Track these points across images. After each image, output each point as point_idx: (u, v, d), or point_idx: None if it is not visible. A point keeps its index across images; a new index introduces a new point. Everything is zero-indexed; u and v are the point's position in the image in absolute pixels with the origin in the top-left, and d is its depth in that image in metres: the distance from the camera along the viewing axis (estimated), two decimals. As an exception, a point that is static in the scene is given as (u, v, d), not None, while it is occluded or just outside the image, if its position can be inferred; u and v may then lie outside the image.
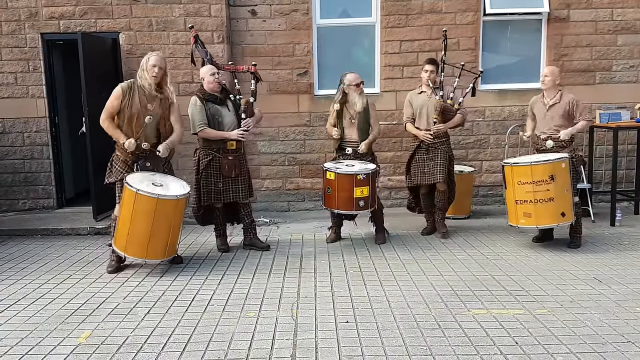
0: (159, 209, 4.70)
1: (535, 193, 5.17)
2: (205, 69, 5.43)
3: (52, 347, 3.52)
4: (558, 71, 5.62)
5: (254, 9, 7.24)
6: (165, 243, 4.86)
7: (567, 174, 5.24)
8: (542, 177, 5.15)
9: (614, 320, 3.74)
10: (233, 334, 3.65)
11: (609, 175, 6.88)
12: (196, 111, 5.33)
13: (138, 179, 4.80)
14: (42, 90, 7.23)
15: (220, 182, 5.43)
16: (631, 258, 5.13)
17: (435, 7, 7.25)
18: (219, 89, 5.44)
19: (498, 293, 4.30)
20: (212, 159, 5.40)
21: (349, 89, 5.68)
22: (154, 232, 4.73)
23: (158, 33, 7.08)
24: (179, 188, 4.93)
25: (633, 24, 7.27)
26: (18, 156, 7.35)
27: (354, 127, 5.71)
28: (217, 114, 5.38)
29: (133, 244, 4.77)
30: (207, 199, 5.44)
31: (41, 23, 7.09)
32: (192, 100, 5.39)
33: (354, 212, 5.63)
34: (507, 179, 5.40)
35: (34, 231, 6.61)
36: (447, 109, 5.77)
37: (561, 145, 5.43)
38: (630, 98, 7.16)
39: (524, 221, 5.30)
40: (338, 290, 4.44)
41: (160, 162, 5.09)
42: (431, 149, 5.83)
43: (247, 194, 5.60)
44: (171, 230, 4.86)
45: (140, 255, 4.81)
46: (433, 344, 3.43)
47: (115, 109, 4.89)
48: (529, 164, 5.23)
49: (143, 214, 4.69)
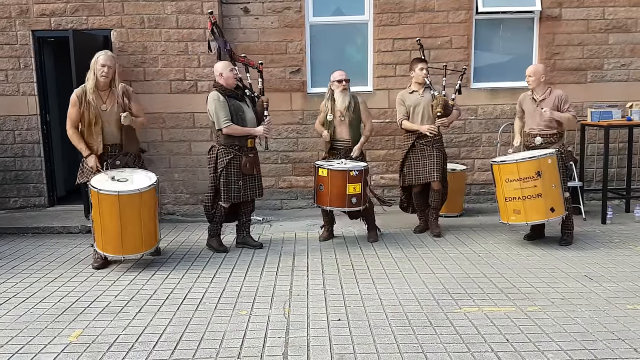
0: (122, 205, 4.70)
1: (523, 190, 5.21)
2: (223, 64, 5.37)
3: (42, 345, 3.50)
4: (543, 68, 5.63)
5: (246, 6, 7.22)
6: (140, 236, 4.84)
7: (555, 170, 5.27)
8: (528, 173, 5.19)
9: (604, 317, 3.76)
10: (225, 332, 3.64)
11: (600, 174, 6.91)
12: (220, 107, 5.22)
13: (104, 179, 4.84)
14: (33, 88, 7.18)
15: (240, 180, 5.37)
16: (622, 256, 5.16)
17: (427, 6, 7.26)
18: (236, 85, 5.39)
19: (489, 290, 4.32)
20: (234, 157, 5.32)
21: (333, 85, 5.72)
22: (124, 228, 4.75)
23: (150, 30, 7.05)
24: (144, 180, 4.89)
25: (624, 22, 7.31)
26: (9, 154, 7.31)
27: (344, 125, 5.70)
28: (239, 109, 5.32)
29: (108, 242, 4.83)
30: (227, 198, 5.35)
31: (32, 20, 7.04)
32: (214, 95, 5.28)
33: (347, 209, 5.62)
34: (495, 177, 5.45)
35: (25, 229, 6.58)
36: (447, 104, 5.78)
37: (549, 141, 5.47)
38: (621, 96, 7.20)
39: (514, 218, 5.34)
40: (330, 288, 4.44)
41: (130, 159, 5.12)
42: (426, 147, 5.81)
43: (261, 191, 5.62)
44: (142, 223, 4.83)
45: (117, 252, 4.84)
46: (424, 341, 3.44)
47: (75, 116, 4.95)
48: (515, 162, 5.27)
49: (108, 212, 4.74)
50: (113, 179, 4.82)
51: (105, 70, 4.86)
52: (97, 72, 4.87)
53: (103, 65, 4.85)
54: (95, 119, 4.91)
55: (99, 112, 4.92)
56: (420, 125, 5.78)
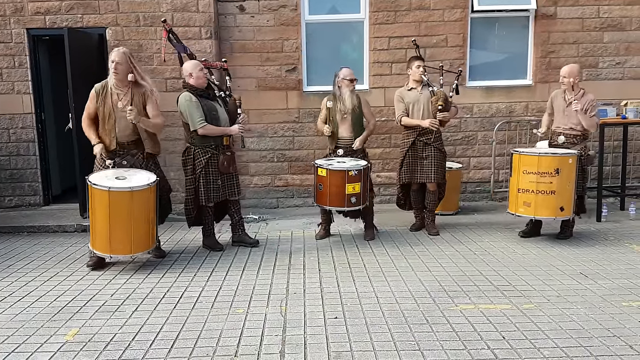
0: (112, 201, 4.63)
1: (538, 184, 5.27)
2: (192, 64, 5.32)
3: (39, 344, 3.49)
4: (578, 69, 5.58)
5: (242, 4, 7.22)
6: (129, 237, 4.75)
7: (573, 170, 5.30)
8: (547, 169, 5.23)
9: (599, 314, 3.78)
10: (222, 331, 3.64)
11: (595, 171, 6.94)
12: (193, 107, 5.20)
13: (104, 175, 4.80)
14: (28, 86, 7.16)
15: (219, 179, 5.36)
16: (617, 253, 5.19)
17: (423, 4, 7.27)
18: (206, 85, 5.36)
19: (485, 288, 4.33)
20: (211, 156, 5.30)
21: (342, 83, 5.69)
22: (112, 226, 4.68)
23: (145, 28, 7.03)
24: (141, 180, 4.81)
25: (619, 21, 7.34)
26: (4, 153, 7.28)
27: (346, 124, 5.69)
28: (212, 109, 5.30)
29: (97, 238, 4.79)
30: (206, 199, 5.33)
31: (27, 18, 7.01)
32: (186, 96, 5.23)
33: (346, 209, 5.61)
34: (514, 166, 5.48)
35: (20, 228, 6.55)
36: (448, 99, 5.78)
37: (572, 142, 5.52)
38: (616, 95, 7.23)
39: (523, 210, 5.39)
40: (327, 287, 4.44)
41: (139, 161, 5.05)
42: (426, 146, 5.80)
43: (239, 190, 5.59)
44: (133, 223, 4.73)
45: (104, 250, 4.78)
46: (421, 339, 3.45)
47: (91, 110, 4.94)
48: (537, 155, 5.32)
49: (99, 207, 4.69)
50: (117, 179, 4.76)
51: (114, 67, 4.83)
52: (110, 68, 4.88)
53: (112, 61, 4.84)
54: (108, 115, 4.88)
55: (113, 108, 4.88)
56: (421, 120, 5.76)
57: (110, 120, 4.89)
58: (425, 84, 5.82)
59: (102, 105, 4.89)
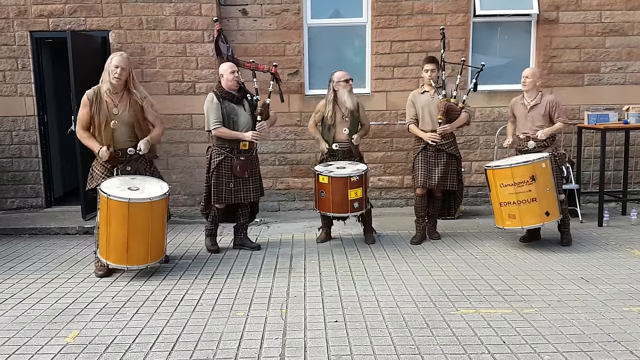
0: (132, 212, 4.58)
1: (518, 194, 5.22)
2: (225, 66, 5.35)
3: (39, 346, 3.50)
4: (539, 72, 5.64)
5: (244, 8, 7.24)
6: (147, 247, 4.73)
7: (549, 173, 5.28)
8: (522, 178, 5.19)
9: (600, 319, 3.77)
10: (222, 334, 3.64)
11: (597, 176, 6.93)
12: (212, 108, 5.23)
13: (115, 184, 4.71)
14: (30, 89, 7.18)
15: (231, 182, 5.35)
16: (618, 258, 5.18)
17: (425, 8, 7.28)
18: (237, 88, 5.35)
19: (486, 293, 4.32)
20: (224, 158, 5.31)
21: (338, 86, 5.65)
22: (131, 237, 4.61)
23: (148, 32, 7.05)
24: (156, 190, 4.78)
25: (621, 26, 7.34)
26: (6, 155, 7.30)
27: (345, 126, 5.66)
28: (232, 112, 5.29)
29: (113, 251, 4.67)
30: (217, 199, 5.36)
31: (30, 21, 7.04)
32: (209, 97, 5.30)
33: (349, 215, 5.57)
34: (490, 182, 5.45)
35: (22, 230, 6.57)
36: (452, 109, 5.59)
37: (542, 145, 5.48)
38: (618, 99, 7.23)
39: (510, 223, 5.35)
40: (327, 290, 4.44)
41: (142, 165, 4.99)
42: (435, 152, 5.66)
43: (258, 194, 5.57)
44: (150, 233, 4.72)
45: (121, 261, 4.69)
46: (421, 343, 3.45)
47: (85, 118, 4.80)
48: (509, 167, 5.28)
49: (117, 219, 4.59)
50: (130, 189, 4.69)
51: (119, 72, 4.71)
52: (110, 73, 4.73)
53: (116, 67, 4.72)
54: (105, 122, 4.77)
55: (110, 115, 4.79)
56: (423, 133, 5.67)
57: (108, 127, 4.77)
58: (439, 87, 5.65)
59: (97, 113, 4.76)
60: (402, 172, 7.49)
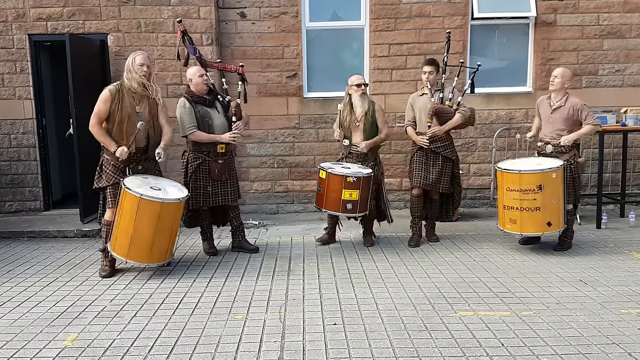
0: (163, 212, 4.68)
1: (522, 201, 5.17)
2: (193, 70, 5.35)
3: (38, 350, 3.49)
4: (569, 74, 5.49)
5: (243, 11, 7.25)
6: (167, 246, 4.88)
7: (559, 184, 5.17)
8: (529, 186, 5.12)
9: (598, 322, 3.78)
10: (220, 337, 3.64)
11: (595, 179, 6.94)
12: (185, 113, 5.25)
13: (136, 183, 4.74)
14: (29, 92, 7.19)
15: (209, 185, 5.36)
16: (616, 260, 5.18)
17: (423, 11, 7.30)
18: (207, 91, 5.36)
19: (485, 295, 4.33)
20: (202, 162, 5.33)
21: (351, 90, 5.65)
22: (157, 236, 4.72)
23: (147, 35, 7.07)
24: (177, 191, 4.90)
25: (619, 28, 7.36)
26: (5, 158, 7.30)
27: (359, 131, 5.64)
28: (206, 116, 5.30)
29: (135, 249, 4.71)
30: (195, 203, 5.38)
31: (29, 24, 7.05)
32: (181, 102, 5.30)
33: (340, 214, 5.57)
34: (498, 182, 5.43)
35: (21, 233, 6.56)
36: (442, 111, 5.58)
37: (561, 150, 5.37)
38: (616, 102, 7.25)
39: (510, 227, 5.34)
40: (326, 293, 4.44)
41: (151, 165, 5.05)
42: (431, 154, 5.69)
43: (236, 196, 5.56)
44: (172, 233, 4.88)
45: (143, 259, 4.78)
46: (420, 345, 3.45)
47: (104, 113, 4.78)
48: (518, 172, 5.20)
49: (148, 218, 4.64)
50: (152, 188, 4.74)
51: (145, 70, 4.78)
52: (137, 71, 4.76)
53: (142, 65, 4.78)
54: (127, 118, 4.77)
55: (132, 112, 4.80)
56: (416, 136, 5.70)
57: (130, 123, 4.77)
58: (438, 89, 5.67)
59: (119, 109, 4.76)
60: (400, 174, 7.49)
